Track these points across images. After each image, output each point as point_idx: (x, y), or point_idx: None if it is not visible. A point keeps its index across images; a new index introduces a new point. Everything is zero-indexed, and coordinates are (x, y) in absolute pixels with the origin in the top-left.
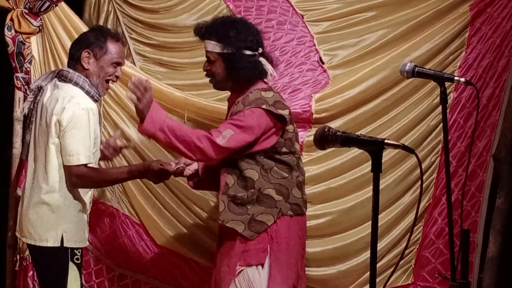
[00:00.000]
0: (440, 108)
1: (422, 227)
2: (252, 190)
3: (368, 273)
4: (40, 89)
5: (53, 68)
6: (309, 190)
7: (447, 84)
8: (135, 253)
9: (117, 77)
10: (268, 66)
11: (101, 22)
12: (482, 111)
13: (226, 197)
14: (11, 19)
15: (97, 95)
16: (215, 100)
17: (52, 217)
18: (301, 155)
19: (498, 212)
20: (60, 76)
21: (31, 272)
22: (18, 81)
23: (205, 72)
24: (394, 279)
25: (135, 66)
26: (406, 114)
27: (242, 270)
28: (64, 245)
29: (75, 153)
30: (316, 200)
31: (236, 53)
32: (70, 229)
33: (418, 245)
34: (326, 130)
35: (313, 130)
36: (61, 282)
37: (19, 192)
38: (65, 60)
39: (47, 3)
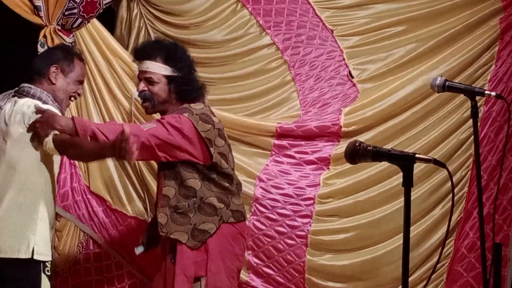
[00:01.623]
0: (470, 121)
1: (453, 241)
2: (194, 199)
3: (400, 287)
4: None
5: (85, 84)
6: (336, 203)
7: (477, 97)
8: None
9: (79, 94)
10: (205, 84)
11: (132, 38)
12: None
13: (168, 208)
14: (44, 36)
15: (59, 111)
16: (245, 115)
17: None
18: (328, 169)
19: None
20: (21, 92)
21: None
22: None
23: (140, 93)
24: None
25: None
26: (435, 128)
27: (201, 279)
28: (35, 257)
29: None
30: (343, 213)
31: (185, 77)
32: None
33: (449, 259)
34: (357, 144)
35: (341, 144)
36: None
37: None
38: (98, 76)
39: (80, 20)
